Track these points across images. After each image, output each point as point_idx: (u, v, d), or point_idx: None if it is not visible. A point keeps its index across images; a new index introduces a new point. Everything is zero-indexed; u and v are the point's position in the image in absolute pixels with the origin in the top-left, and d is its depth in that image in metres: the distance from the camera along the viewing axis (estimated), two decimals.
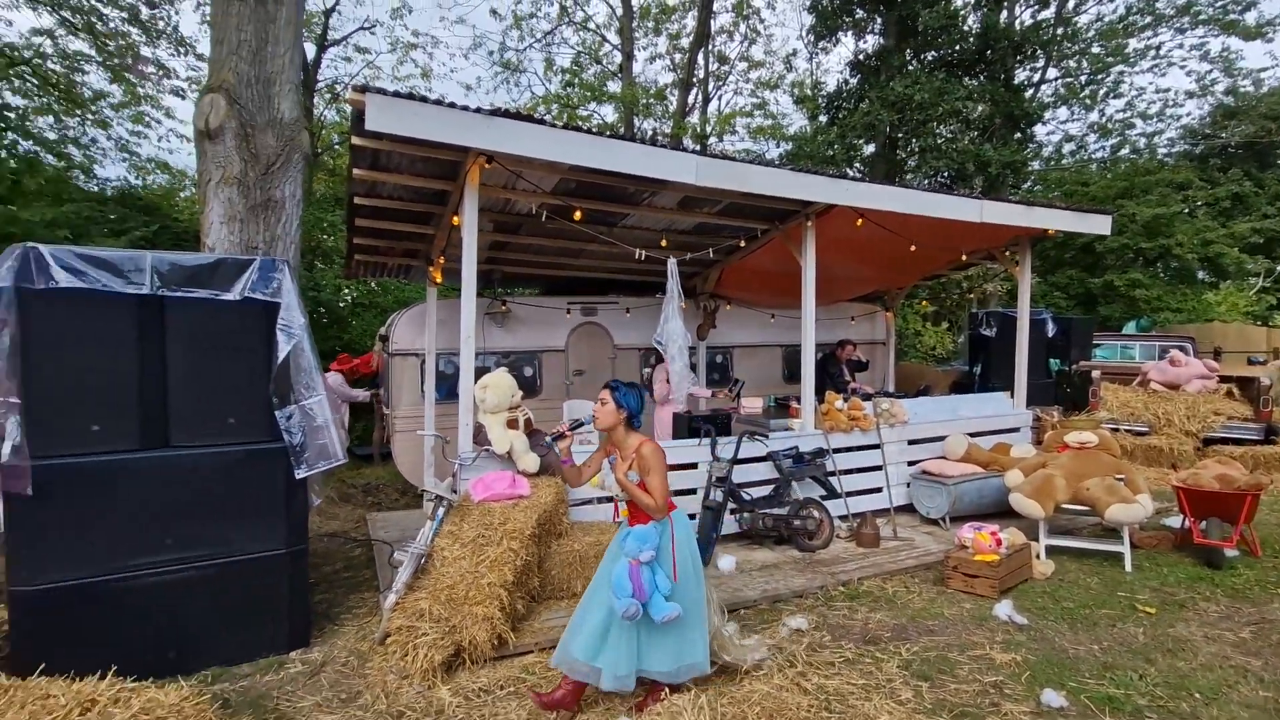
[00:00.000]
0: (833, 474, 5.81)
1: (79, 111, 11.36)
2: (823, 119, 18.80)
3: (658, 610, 2.82)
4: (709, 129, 18.95)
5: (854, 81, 18.04)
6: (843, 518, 5.80)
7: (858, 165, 17.95)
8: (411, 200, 5.57)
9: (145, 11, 10.93)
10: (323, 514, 6.50)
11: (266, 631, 3.71)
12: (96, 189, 10.68)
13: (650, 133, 19.02)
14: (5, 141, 8.99)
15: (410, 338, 7.33)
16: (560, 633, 3.16)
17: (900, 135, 16.69)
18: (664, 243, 6.53)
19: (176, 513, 3.48)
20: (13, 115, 9.92)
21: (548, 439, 3.45)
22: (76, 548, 3.26)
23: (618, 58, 19.47)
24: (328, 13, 12.89)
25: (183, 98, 12.76)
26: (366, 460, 8.99)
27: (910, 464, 6.34)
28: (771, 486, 5.56)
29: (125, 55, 11.16)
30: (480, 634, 3.49)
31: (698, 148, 17.68)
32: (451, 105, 4.11)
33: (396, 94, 3.96)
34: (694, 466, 5.43)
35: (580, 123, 18.10)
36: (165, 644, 3.42)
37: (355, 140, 4.35)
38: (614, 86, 18.95)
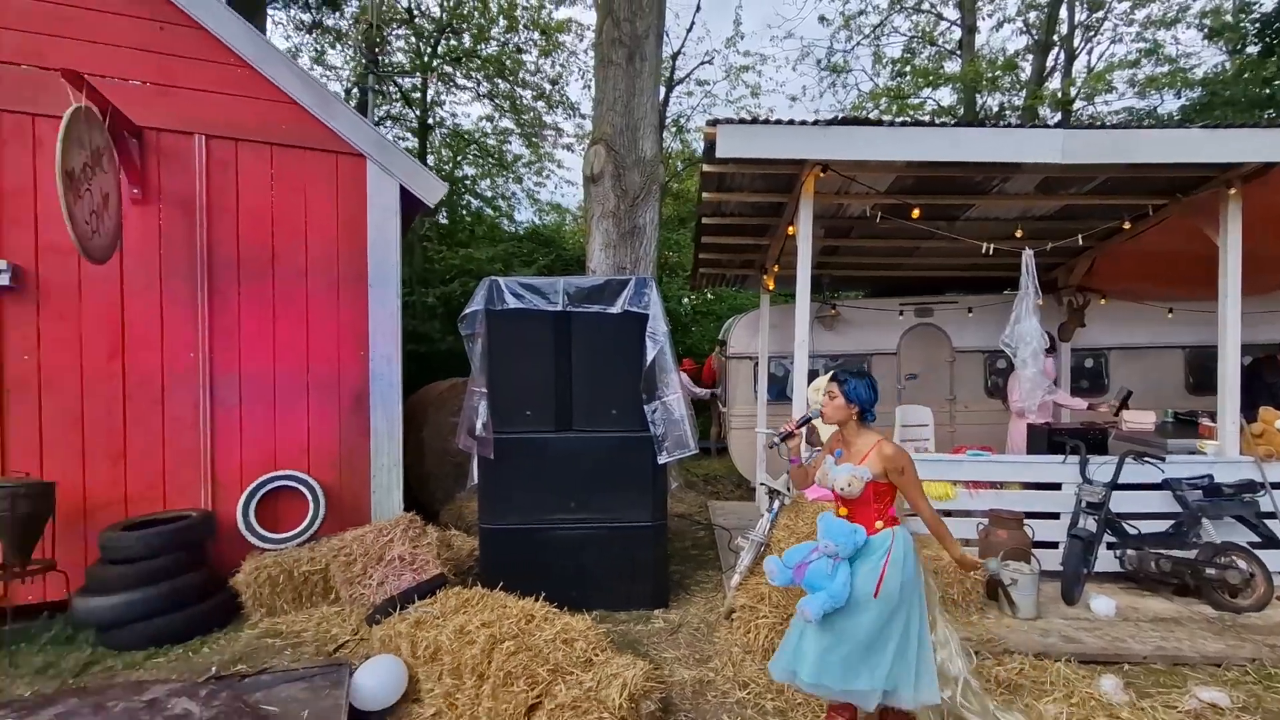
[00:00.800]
0: (1271, 516, 4.48)
1: (505, 172, 15.19)
2: (1253, 50, 14.23)
3: (807, 604, 2.66)
4: (1074, 92, 15.94)
5: None
6: None
7: None
8: (750, 215, 6.03)
9: (548, 88, 14.05)
10: (673, 497, 7.44)
11: (637, 589, 4.45)
12: (514, 230, 14.14)
13: (997, 109, 16.81)
14: (463, 202, 12.67)
15: (745, 342, 7.89)
16: None
17: None
18: (1018, 233, 5.82)
19: (576, 483, 4.41)
20: (468, 181, 13.88)
21: (776, 439, 3.05)
22: (519, 501, 4.40)
23: (955, 34, 17.69)
24: (674, 56, 14.63)
25: (571, 151, 15.95)
26: (705, 453, 9.97)
27: None
28: (1171, 522, 4.54)
29: (534, 125, 14.51)
30: None
31: (1059, 117, 14.97)
32: (790, 123, 4.39)
33: (741, 121, 4.38)
34: (1057, 488, 4.76)
35: (912, 113, 16.95)
36: (570, 585, 4.36)
37: (706, 168, 4.91)
38: (951, 66, 17.27)
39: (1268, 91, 12.62)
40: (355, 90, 12.17)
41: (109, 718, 2.61)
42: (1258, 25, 14.36)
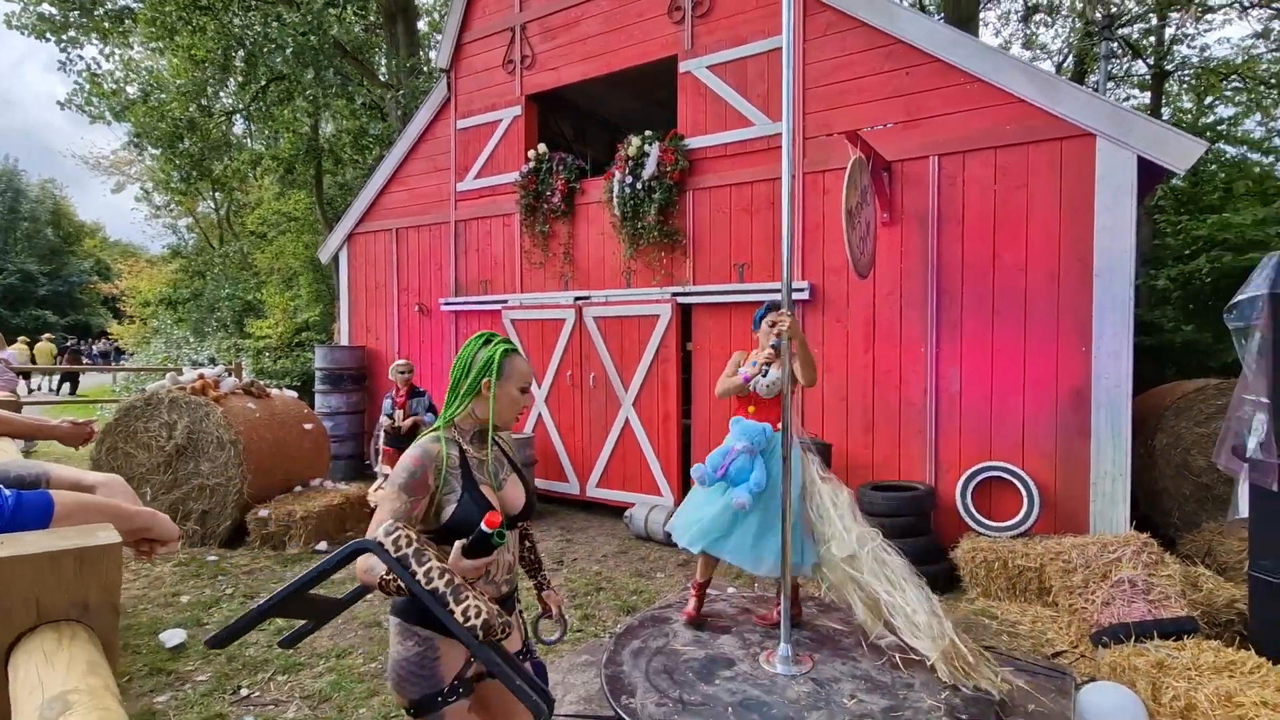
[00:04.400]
0: None
1: None
2: None
3: (738, 494, 3.22)
4: None
5: None
6: None
7: None
8: None
9: None
10: None
11: None
12: None
13: None
14: (1213, 154, 9.80)
15: None
16: None
17: None
18: None
19: None
20: (1222, 127, 10.69)
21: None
22: None
23: None
24: None
25: None
26: None
27: None
28: None
29: None
30: None
31: None
32: None
33: None
34: None
35: None
36: None
37: None
38: None
39: None
40: (1068, 62, 11.06)
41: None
42: None
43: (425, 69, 11.59)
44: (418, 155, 8.18)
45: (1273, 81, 11.01)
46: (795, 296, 5.51)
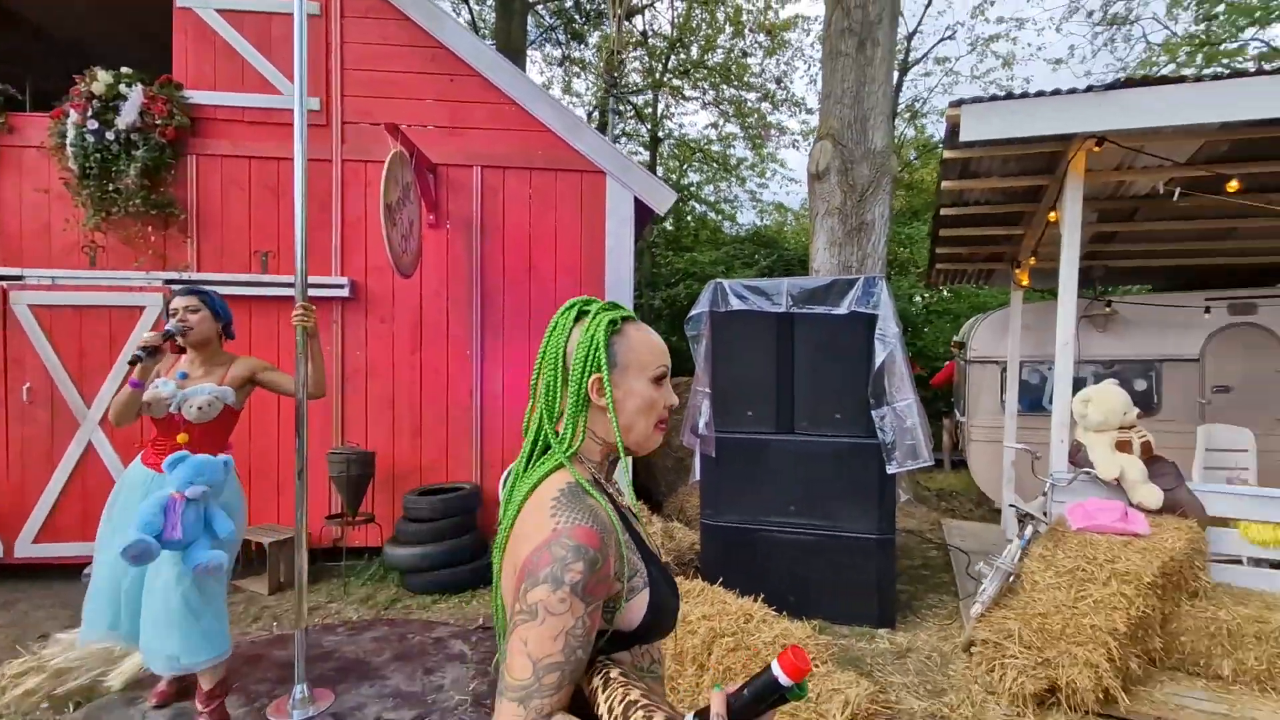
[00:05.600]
0: None
1: (728, 176, 15.56)
2: None
3: (201, 557, 2.34)
4: None
5: None
6: None
7: None
8: (1000, 202, 5.38)
9: (772, 88, 14.06)
10: (901, 511, 6.94)
11: (860, 604, 4.24)
12: (736, 233, 14.41)
13: None
14: (688, 208, 13.29)
15: (990, 344, 7.06)
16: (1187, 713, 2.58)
17: None
18: None
19: (797, 486, 4.34)
20: (693, 188, 14.50)
21: (141, 353, 2.57)
22: (739, 500, 4.47)
23: None
24: (910, 36, 13.58)
25: (796, 149, 15.74)
26: (937, 466, 9.13)
27: None
28: None
29: (758, 126, 14.61)
30: (1082, 680, 3.14)
31: None
32: (1054, 93, 3.86)
33: (992, 98, 3.94)
34: None
35: (1227, 62, 13.59)
36: (788, 589, 4.31)
37: (947, 154, 4.51)
38: None
39: None
40: (595, 113, 13.40)
41: (409, 646, 3.23)
42: None
43: None
44: None
45: (718, 163, 15.56)
46: (334, 294, 5.02)
